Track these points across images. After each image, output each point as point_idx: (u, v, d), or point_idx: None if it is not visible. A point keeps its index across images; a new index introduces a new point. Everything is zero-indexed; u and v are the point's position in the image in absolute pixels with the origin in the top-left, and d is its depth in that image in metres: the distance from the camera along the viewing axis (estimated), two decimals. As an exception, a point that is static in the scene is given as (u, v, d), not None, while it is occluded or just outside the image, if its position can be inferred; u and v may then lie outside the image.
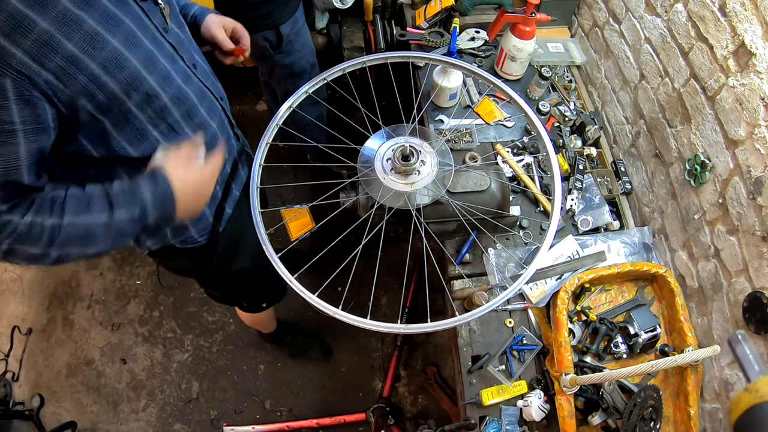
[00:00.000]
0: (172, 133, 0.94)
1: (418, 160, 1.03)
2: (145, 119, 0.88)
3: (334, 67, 1.11)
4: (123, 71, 0.79)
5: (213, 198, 1.11)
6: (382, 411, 1.89)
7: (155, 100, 0.87)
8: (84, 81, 0.75)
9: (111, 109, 0.81)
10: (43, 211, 0.77)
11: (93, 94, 0.77)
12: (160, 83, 0.87)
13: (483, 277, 1.30)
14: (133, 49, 0.81)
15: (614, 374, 1.03)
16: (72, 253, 0.81)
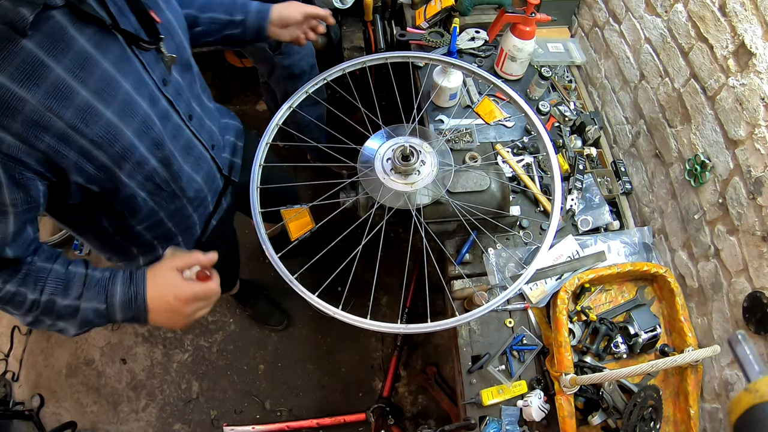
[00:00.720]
0: (155, 193, 0.93)
1: (418, 160, 1.03)
2: (135, 185, 0.85)
3: (334, 67, 1.11)
4: (116, 144, 0.75)
5: (190, 237, 1.14)
6: (382, 411, 1.89)
7: (144, 166, 0.84)
8: (74, 157, 0.71)
9: (100, 179, 0.78)
10: (27, 285, 0.77)
11: (83, 168, 0.74)
12: (150, 149, 0.83)
13: (483, 277, 1.30)
14: (128, 120, 0.76)
15: (614, 374, 1.03)
16: (46, 323, 0.80)
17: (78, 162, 0.72)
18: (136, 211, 0.93)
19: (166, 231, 1.05)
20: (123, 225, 0.95)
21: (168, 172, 0.92)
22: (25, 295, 0.77)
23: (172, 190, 0.96)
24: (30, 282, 0.77)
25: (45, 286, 0.77)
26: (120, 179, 0.81)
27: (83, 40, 0.68)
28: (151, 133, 0.82)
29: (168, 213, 1.01)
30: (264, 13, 1.13)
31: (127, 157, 0.79)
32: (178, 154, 0.92)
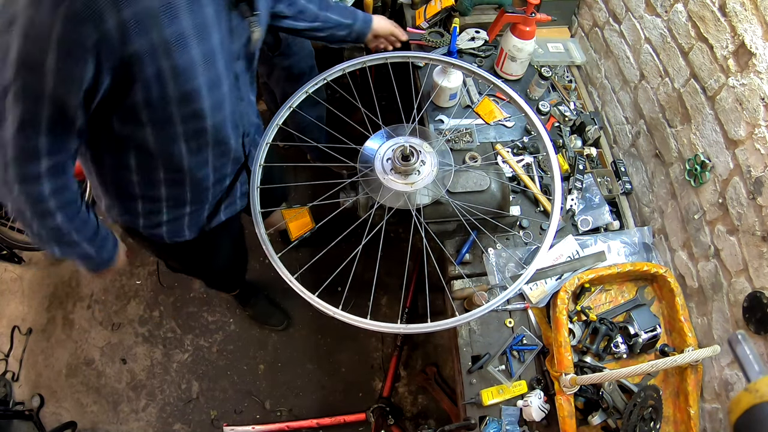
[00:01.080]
0: (193, 152, 0.95)
1: (418, 160, 1.03)
2: (181, 133, 0.88)
3: (334, 67, 1.11)
4: (189, 83, 0.80)
5: (197, 215, 1.14)
6: (382, 411, 1.89)
7: (199, 121, 0.88)
8: (150, 75, 0.74)
9: (157, 108, 0.81)
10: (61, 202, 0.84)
11: (150, 91, 0.76)
12: (212, 108, 0.88)
13: (483, 277, 1.30)
14: (207, 69, 0.81)
15: (614, 374, 1.03)
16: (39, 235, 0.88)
17: (149, 82, 0.75)
18: (168, 158, 0.93)
19: (181, 194, 1.05)
20: (148, 169, 0.95)
21: (214, 137, 0.95)
22: (53, 213, 0.83)
23: (206, 158, 0.99)
24: (62, 201, 0.83)
25: (74, 214, 0.87)
26: (172, 119, 0.84)
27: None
28: (217, 92, 0.87)
29: (192, 177, 1.01)
30: (368, 23, 1.36)
31: (190, 100, 0.82)
32: (230, 125, 0.98)
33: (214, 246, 1.35)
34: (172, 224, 1.12)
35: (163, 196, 1.04)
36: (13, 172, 0.77)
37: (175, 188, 1.03)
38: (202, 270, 1.57)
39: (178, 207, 1.09)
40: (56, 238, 0.88)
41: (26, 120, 0.72)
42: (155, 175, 0.98)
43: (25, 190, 0.79)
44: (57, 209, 0.84)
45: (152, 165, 0.95)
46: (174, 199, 1.06)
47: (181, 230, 1.15)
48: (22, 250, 2.27)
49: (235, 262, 1.65)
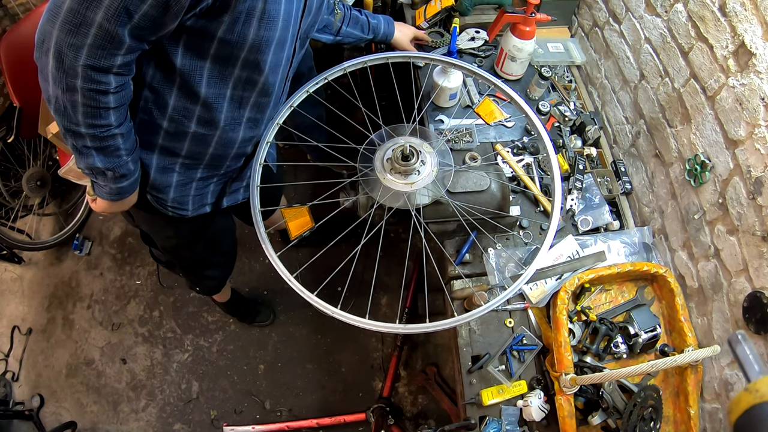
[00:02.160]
0: (234, 103, 0.98)
1: (418, 160, 1.03)
2: (234, 76, 0.92)
3: (334, 66, 1.11)
4: (267, 31, 0.85)
5: (203, 176, 1.14)
6: (382, 411, 1.89)
7: (256, 73, 0.93)
8: (245, 7, 0.78)
9: (229, 45, 0.84)
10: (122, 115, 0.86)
11: (236, 22, 0.80)
12: (270, 66, 0.93)
13: (483, 277, 1.30)
14: (284, 25, 0.87)
15: (614, 374, 1.03)
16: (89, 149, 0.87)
17: (239, 16, 0.79)
18: (208, 107, 0.95)
19: (200, 154, 1.06)
20: (183, 114, 0.96)
21: (257, 100, 0.99)
22: (108, 111, 0.82)
23: (241, 121, 1.03)
24: (120, 100, 0.83)
25: (124, 118, 0.87)
26: (236, 61, 0.88)
27: None
28: (280, 54, 0.94)
29: (220, 136, 1.03)
30: (389, 36, 1.47)
31: (260, 50, 0.87)
32: (273, 97, 1.03)
33: (209, 235, 1.34)
34: (180, 190, 1.11)
35: (182, 151, 1.03)
36: (87, 59, 0.73)
37: (198, 145, 1.03)
38: (188, 263, 1.53)
39: (192, 168, 1.08)
40: (103, 141, 0.85)
41: (126, 7, 0.70)
42: (186, 125, 0.97)
43: (91, 80, 0.76)
44: (114, 107, 0.82)
45: (188, 112, 0.95)
46: (191, 157, 1.05)
47: (186, 201, 1.15)
48: (22, 250, 2.27)
49: (223, 260, 1.62)
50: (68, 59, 0.73)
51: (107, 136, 0.85)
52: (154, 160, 1.03)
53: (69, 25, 0.70)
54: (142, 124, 0.96)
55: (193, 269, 1.60)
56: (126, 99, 0.85)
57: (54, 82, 0.76)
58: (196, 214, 1.19)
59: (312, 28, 1.06)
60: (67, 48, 0.72)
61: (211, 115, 0.97)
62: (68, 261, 2.35)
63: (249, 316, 2.16)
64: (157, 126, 0.97)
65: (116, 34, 0.73)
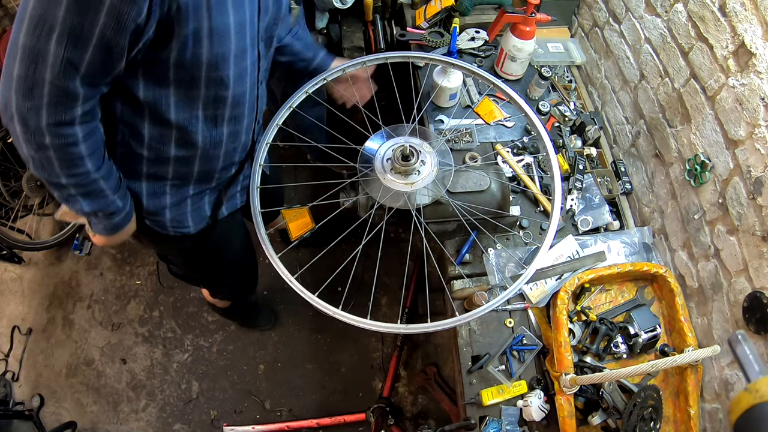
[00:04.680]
0: (209, 123, 0.96)
1: (418, 160, 1.03)
2: (201, 97, 0.90)
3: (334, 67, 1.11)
4: (221, 47, 0.82)
5: (196, 192, 1.12)
6: (382, 411, 1.89)
7: (222, 89, 0.90)
8: (189, 32, 0.76)
9: (185, 69, 0.82)
10: (91, 148, 0.83)
11: (185, 46, 0.78)
12: (235, 78, 0.90)
13: (483, 277, 1.30)
14: (238, 37, 0.84)
15: (614, 374, 1.03)
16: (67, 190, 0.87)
17: (186, 39, 0.77)
18: (184, 131, 0.94)
19: (187, 173, 1.04)
20: (161, 141, 0.95)
21: (231, 111, 0.97)
22: (83, 159, 0.82)
23: (221, 137, 1.00)
24: (92, 146, 0.83)
25: (101, 161, 0.86)
26: (198, 83, 0.86)
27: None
28: (242, 64, 0.90)
29: (203, 155, 1.01)
30: (326, 63, 1.34)
31: (218, 66, 0.85)
32: (246, 105, 1.00)
33: (218, 246, 1.33)
34: (175, 210, 1.10)
35: (169, 174, 1.03)
36: (48, 118, 0.75)
37: (183, 166, 1.02)
38: (205, 274, 1.52)
39: (182, 187, 1.07)
40: (85, 187, 0.87)
41: (70, 61, 0.71)
42: (165, 151, 0.97)
43: (58, 136, 0.77)
44: (87, 155, 0.83)
45: (165, 138, 0.94)
46: (179, 178, 1.05)
47: (185, 219, 1.14)
48: (22, 250, 2.27)
49: (241, 268, 1.59)
50: (32, 122, 0.75)
51: (88, 182, 0.86)
52: (143, 187, 1.04)
53: (23, 90, 0.73)
54: (123, 156, 0.97)
55: (210, 280, 1.59)
56: (98, 143, 0.86)
57: (25, 144, 0.78)
58: (199, 229, 1.18)
59: (275, 26, 1.02)
60: (27, 112, 0.74)
61: (189, 138, 0.96)
62: (68, 261, 2.35)
63: (249, 320, 2.15)
64: (138, 156, 0.97)
65: (69, 88, 0.74)
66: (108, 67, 0.76)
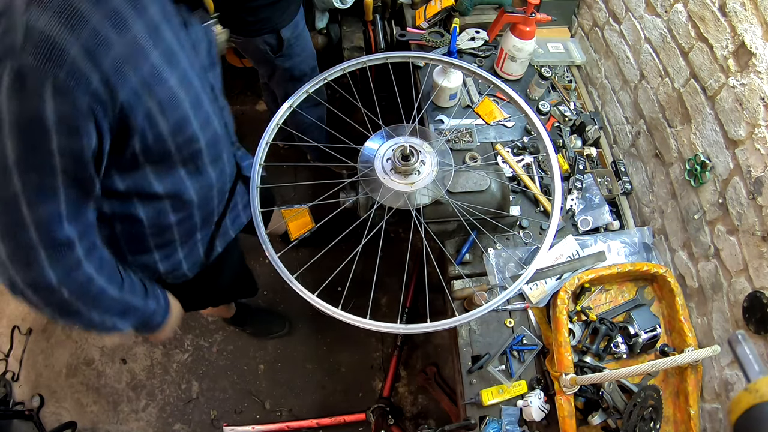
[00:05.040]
0: (196, 173, 0.93)
1: (418, 160, 1.03)
2: (179, 160, 0.86)
3: (334, 67, 1.11)
4: (177, 112, 0.78)
5: (206, 237, 1.12)
6: (382, 411, 1.89)
7: (193, 143, 0.86)
8: (141, 118, 0.72)
9: (153, 149, 0.78)
10: (113, 280, 0.83)
11: (144, 133, 0.74)
12: (201, 127, 0.86)
13: (483, 277, 1.30)
14: (186, 91, 0.79)
15: (614, 374, 1.03)
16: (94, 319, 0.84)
17: (143, 126, 0.73)
18: (174, 195, 0.92)
19: (191, 227, 1.03)
20: (158, 214, 0.93)
21: (210, 155, 0.94)
22: (105, 290, 0.81)
23: (210, 181, 0.98)
24: (107, 274, 0.82)
25: (120, 282, 0.85)
26: (170, 151, 0.82)
27: (153, 9, 0.73)
28: (202, 110, 0.86)
29: (200, 205, 1.00)
30: None
31: (182, 129, 0.81)
32: (221, 137, 0.97)
33: (223, 267, 1.30)
34: (190, 258, 1.10)
35: (176, 236, 1.01)
36: (55, 274, 0.73)
37: (186, 223, 1.01)
38: (215, 295, 1.51)
39: (190, 237, 1.07)
40: (117, 310, 0.86)
41: (48, 216, 0.69)
42: (166, 220, 0.95)
43: (72, 283, 0.76)
44: (107, 284, 0.82)
45: (161, 210, 0.93)
46: (186, 234, 1.04)
47: (198, 257, 1.13)
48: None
49: (241, 279, 1.57)
50: (42, 285, 0.73)
51: (118, 305, 0.86)
52: (155, 256, 1.03)
53: (20, 264, 0.71)
54: (128, 243, 0.96)
55: (221, 297, 1.58)
56: (110, 266, 0.84)
57: (47, 308, 0.77)
58: (202, 268, 1.16)
59: (212, 48, 0.96)
60: (33, 280, 0.72)
61: (182, 198, 0.94)
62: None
63: (262, 329, 2.14)
64: (141, 236, 0.96)
65: (60, 238, 0.72)
66: (85, 198, 0.74)
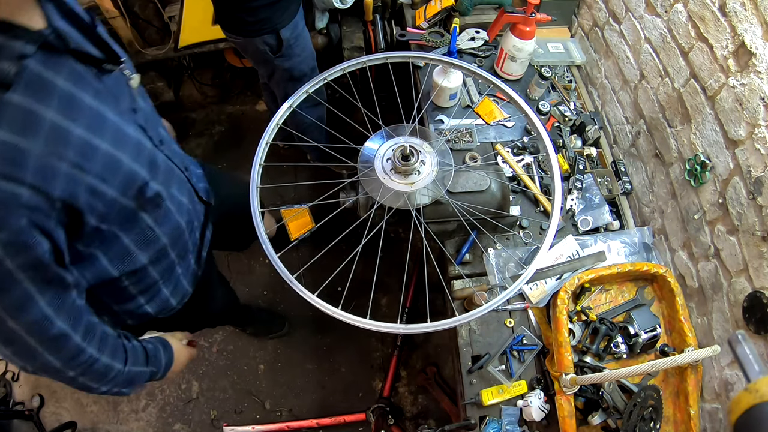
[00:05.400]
0: (157, 218, 0.91)
1: (418, 160, 1.03)
2: (139, 209, 0.84)
3: (334, 67, 1.11)
4: (119, 173, 0.75)
5: (187, 269, 1.12)
6: (382, 411, 1.89)
7: (146, 190, 0.83)
8: (86, 197, 0.70)
9: (109, 213, 0.77)
10: (112, 355, 0.85)
11: (94, 207, 0.72)
12: (149, 174, 0.83)
13: (483, 277, 1.30)
14: (122, 147, 0.76)
15: (614, 374, 1.03)
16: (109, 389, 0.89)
17: (89, 201, 0.71)
18: (146, 244, 0.91)
19: (168, 264, 1.02)
20: (133, 264, 0.92)
21: (167, 194, 0.92)
22: (111, 366, 0.85)
23: (173, 216, 0.97)
24: (110, 353, 0.85)
25: (123, 356, 0.88)
26: (125, 209, 0.81)
27: (62, 80, 0.68)
28: (143, 155, 0.82)
29: (170, 239, 0.98)
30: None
31: (131, 184, 0.79)
32: (165, 178, 0.93)
33: (210, 288, 1.32)
34: (175, 292, 1.10)
35: (157, 276, 1.01)
36: (58, 362, 0.77)
37: (162, 262, 1.00)
38: (206, 318, 1.52)
39: (171, 273, 1.06)
40: (124, 382, 0.89)
41: (36, 319, 0.71)
42: (139, 264, 0.94)
43: (77, 367, 0.80)
44: (111, 361, 0.85)
45: (134, 259, 0.91)
46: (165, 270, 1.03)
47: (184, 290, 1.13)
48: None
49: (228, 296, 1.58)
50: (51, 369, 0.78)
51: (123, 377, 0.89)
52: (141, 300, 1.03)
53: (26, 359, 0.75)
54: (116, 300, 0.97)
55: (212, 320, 1.60)
56: (114, 345, 0.86)
57: (61, 380, 0.82)
58: (194, 287, 1.17)
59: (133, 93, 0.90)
60: (41, 367, 0.77)
61: (154, 245, 0.94)
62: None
63: (262, 329, 2.14)
64: (124, 289, 0.96)
65: (54, 336, 0.74)
66: (64, 291, 0.74)
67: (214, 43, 2.16)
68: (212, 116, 2.76)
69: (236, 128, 2.72)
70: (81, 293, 0.80)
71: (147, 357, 0.95)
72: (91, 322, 0.82)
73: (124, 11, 2.09)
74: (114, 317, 1.04)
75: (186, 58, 2.50)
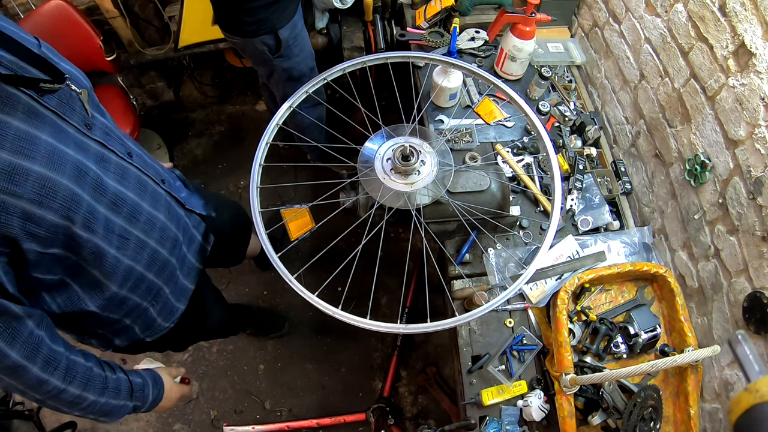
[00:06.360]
0: (122, 240, 0.87)
1: (418, 160, 1.03)
2: (97, 239, 0.81)
3: (334, 67, 1.11)
4: (56, 197, 0.71)
5: (176, 287, 1.10)
6: (382, 411, 1.89)
7: (95, 214, 0.80)
8: (19, 223, 0.67)
9: (56, 240, 0.74)
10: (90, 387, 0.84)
11: (33, 232, 0.69)
12: (94, 195, 0.79)
13: (483, 277, 1.30)
14: (59, 170, 0.72)
15: (614, 374, 1.03)
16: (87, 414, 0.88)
17: (25, 227, 0.68)
18: (113, 271, 0.88)
19: (150, 284, 0.99)
20: (106, 295, 0.91)
21: (123, 216, 0.87)
22: (84, 396, 0.83)
23: (136, 236, 0.92)
24: (82, 382, 0.83)
25: (101, 387, 0.86)
26: (77, 235, 0.77)
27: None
28: (88, 178, 0.78)
29: (145, 263, 0.95)
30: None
31: (73, 208, 0.75)
32: (132, 194, 0.89)
33: (203, 302, 1.29)
34: (164, 309, 1.08)
35: (138, 300, 0.99)
36: (24, 388, 0.77)
37: (142, 284, 0.98)
38: (201, 335, 1.49)
39: (159, 294, 1.04)
40: (103, 414, 0.88)
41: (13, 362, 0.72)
42: (118, 294, 0.93)
43: (44, 393, 0.79)
44: (82, 391, 0.83)
45: (106, 287, 0.90)
46: (149, 293, 1.01)
47: (173, 307, 1.11)
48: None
49: (223, 312, 1.54)
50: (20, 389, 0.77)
51: (99, 409, 0.88)
52: (135, 328, 1.03)
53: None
54: (92, 324, 0.96)
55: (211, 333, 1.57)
56: (85, 375, 0.84)
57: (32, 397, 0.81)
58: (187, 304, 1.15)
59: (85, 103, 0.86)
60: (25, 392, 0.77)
61: (123, 269, 0.90)
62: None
63: (262, 329, 2.14)
64: (99, 316, 0.94)
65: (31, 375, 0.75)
66: (15, 321, 0.73)
67: (214, 43, 2.16)
68: (212, 116, 2.76)
69: (236, 128, 2.72)
70: (39, 323, 0.77)
71: (132, 391, 0.93)
72: (54, 353, 0.79)
73: (124, 11, 2.09)
74: (101, 339, 1.04)
75: (186, 58, 2.51)
